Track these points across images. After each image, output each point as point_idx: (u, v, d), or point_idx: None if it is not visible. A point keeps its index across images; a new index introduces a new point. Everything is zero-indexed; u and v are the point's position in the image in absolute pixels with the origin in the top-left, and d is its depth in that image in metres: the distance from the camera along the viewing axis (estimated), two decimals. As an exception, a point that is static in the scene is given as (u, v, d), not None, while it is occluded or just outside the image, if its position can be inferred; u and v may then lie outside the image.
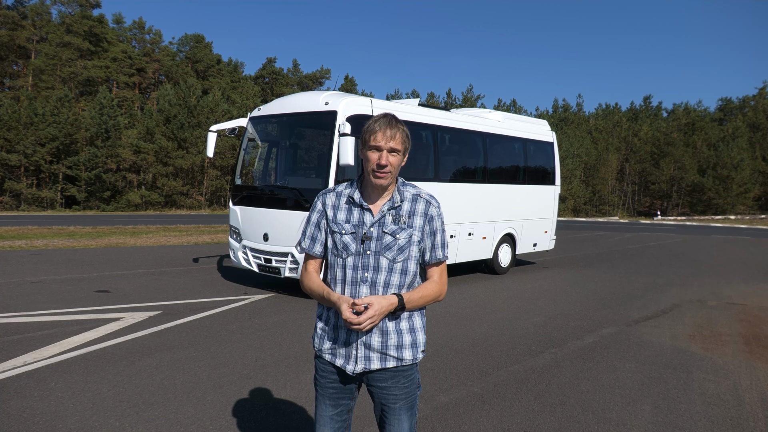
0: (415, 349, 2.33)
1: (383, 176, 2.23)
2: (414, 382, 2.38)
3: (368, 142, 2.24)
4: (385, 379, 2.32)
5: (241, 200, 9.65)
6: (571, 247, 20.10)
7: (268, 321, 7.27)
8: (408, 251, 2.29)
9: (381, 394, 2.34)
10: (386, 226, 2.28)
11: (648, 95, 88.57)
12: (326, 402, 2.38)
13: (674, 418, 4.41)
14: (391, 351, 2.28)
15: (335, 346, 2.33)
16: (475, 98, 69.19)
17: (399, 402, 2.33)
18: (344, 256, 2.29)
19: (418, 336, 2.35)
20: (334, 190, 2.39)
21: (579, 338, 6.86)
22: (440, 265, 2.38)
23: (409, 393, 2.35)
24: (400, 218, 2.30)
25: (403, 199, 2.33)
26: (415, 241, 2.30)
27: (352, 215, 2.31)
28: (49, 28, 51.30)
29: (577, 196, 61.24)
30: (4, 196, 39.38)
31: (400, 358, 2.30)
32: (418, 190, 2.38)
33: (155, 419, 4.08)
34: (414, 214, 2.31)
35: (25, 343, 5.85)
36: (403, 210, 2.31)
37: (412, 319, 2.34)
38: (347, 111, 8.55)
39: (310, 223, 2.42)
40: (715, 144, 66.75)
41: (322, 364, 2.39)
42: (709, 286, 11.50)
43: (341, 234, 2.30)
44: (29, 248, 14.13)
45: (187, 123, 45.50)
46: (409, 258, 2.30)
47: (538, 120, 13.91)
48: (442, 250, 2.36)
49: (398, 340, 2.29)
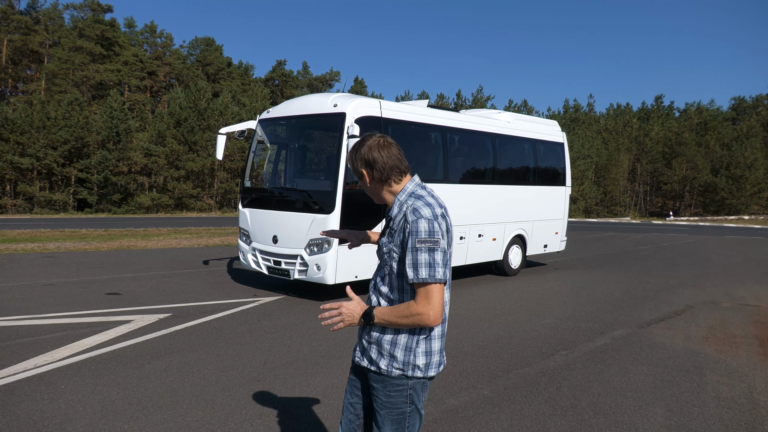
0: (391, 361, 2.24)
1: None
2: (403, 396, 2.27)
3: None
4: (376, 381, 2.33)
5: (251, 202, 9.66)
6: (582, 248, 19.96)
7: (277, 323, 7.27)
8: (389, 266, 2.25)
9: (372, 393, 2.38)
10: (383, 238, 2.34)
11: (659, 95, 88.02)
12: (348, 389, 2.51)
13: (687, 422, 4.35)
14: (372, 353, 2.31)
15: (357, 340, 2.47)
16: (485, 99, 68.90)
17: (383, 410, 2.30)
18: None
19: (398, 352, 2.23)
20: None
21: (590, 340, 6.80)
22: (422, 287, 2.12)
23: (394, 405, 2.27)
24: (393, 231, 2.26)
25: (399, 210, 2.26)
26: (394, 257, 2.22)
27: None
28: (62, 33, 51.74)
29: (588, 197, 60.86)
30: (18, 199, 39.74)
31: (375, 362, 2.29)
32: (409, 199, 2.25)
33: (164, 422, 4.08)
34: (397, 228, 2.23)
35: (35, 346, 5.89)
36: (394, 223, 2.27)
37: (398, 336, 2.24)
38: (356, 113, 8.54)
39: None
40: (728, 143, 66.10)
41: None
42: (723, 287, 11.37)
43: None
44: (41, 251, 14.25)
45: (198, 126, 45.69)
46: (391, 273, 2.26)
47: (548, 120, 13.84)
48: (413, 271, 2.11)
49: (379, 347, 2.29)
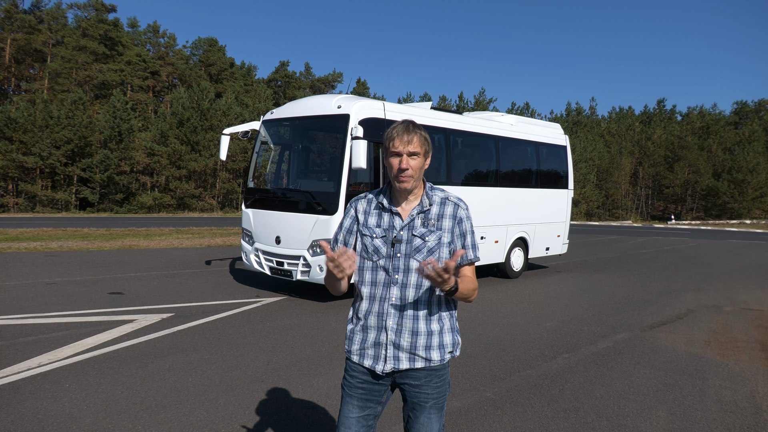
0: (443, 350, 2.36)
1: (406, 180, 2.29)
2: (446, 381, 2.41)
3: (389, 149, 2.32)
4: (418, 378, 2.35)
5: (254, 203, 9.68)
6: (584, 251, 19.96)
7: (280, 324, 7.28)
8: (438, 253, 2.33)
9: (413, 393, 2.37)
10: (415, 229, 2.34)
11: (662, 98, 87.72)
12: (353, 403, 2.39)
13: (690, 425, 4.35)
14: (419, 351, 2.32)
15: (364, 348, 2.37)
16: (488, 101, 68.94)
17: (430, 401, 2.37)
18: (375, 259, 2.36)
19: (446, 337, 2.37)
20: (365, 197, 2.47)
21: (593, 343, 6.80)
22: (472, 266, 2.40)
23: (440, 393, 2.39)
24: (429, 221, 2.35)
25: (432, 203, 2.38)
26: (444, 242, 2.35)
27: (382, 220, 2.38)
28: (65, 32, 51.89)
29: (590, 200, 60.84)
30: (20, 198, 39.83)
31: (428, 358, 2.33)
32: (446, 193, 2.43)
33: (167, 422, 4.10)
34: (443, 216, 2.36)
35: (39, 345, 5.90)
36: (432, 213, 2.36)
37: (442, 320, 2.37)
38: (360, 114, 8.56)
39: (342, 228, 2.48)
40: (730, 148, 66.09)
41: (351, 365, 2.43)
42: (725, 291, 11.36)
43: (372, 237, 2.37)
44: (44, 250, 14.28)
45: (200, 126, 45.79)
46: (439, 260, 2.32)
47: (551, 123, 13.85)
48: (473, 251, 2.39)
49: (427, 341, 2.32)
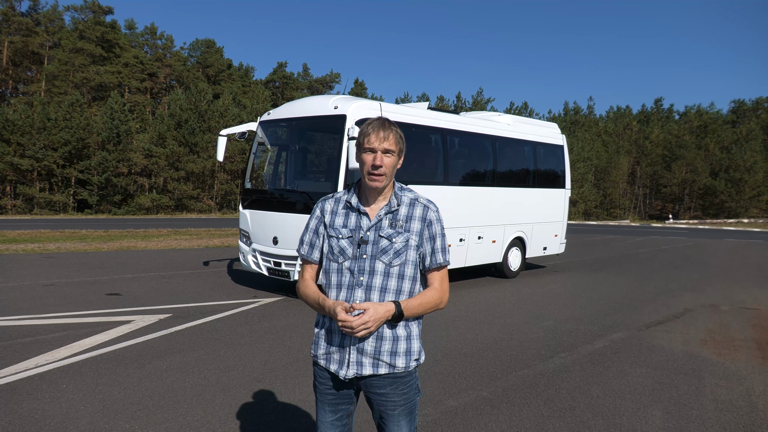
0: (409, 357, 2.28)
1: (378, 178, 2.23)
2: (413, 387, 2.34)
3: (363, 145, 2.25)
4: (383, 386, 2.28)
5: (251, 204, 9.69)
6: (581, 250, 19.99)
7: (277, 324, 7.28)
8: (405, 255, 2.27)
9: (379, 401, 2.31)
10: (383, 230, 2.27)
11: (659, 98, 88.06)
12: (325, 408, 2.38)
13: (685, 424, 4.36)
14: (384, 357, 2.24)
15: (330, 352, 2.32)
16: (486, 101, 68.90)
17: (398, 408, 2.30)
18: (340, 261, 2.29)
19: (413, 344, 2.30)
20: (333, 196, 2.40)
21: (589, 343, 6.82)
22: (441, 271, 2.34)
23: (407, 399, 2.32)
24: (397, 222, 2.29)
25: (400, 203, 2.32)
26: (412, 245, 2.28)
27: (349, 220, 2.32)
28: (62, 35, 51.83)
29: (588, 200, 60.90)
30: (18, 200, 39.78)
31: (392, 364, 2.25)
32: (415, 194, 2.37)
33: (164, 422, 4.10)
34: (411, 218, 2.30)
35: (36, 346, 5.90)
36: (400, 214, 2.30)
37: (409, 327, 2.30)
38: (356, 115, 8.57)
39: (308, 229, 2.42)
40: (727, 147, 66.17)
41: (319, 370, 2.40)
42: (722, 290, 11.39)
43: (338, 238, 2.30)
44: (42, 251, 14.26)
45: (198, 127, 45.77)
46: (405, 262, 2.27)
47: (548, 123, 13.88)
48: (442, 255, 2.32)
49: (392, 347, 2.25)
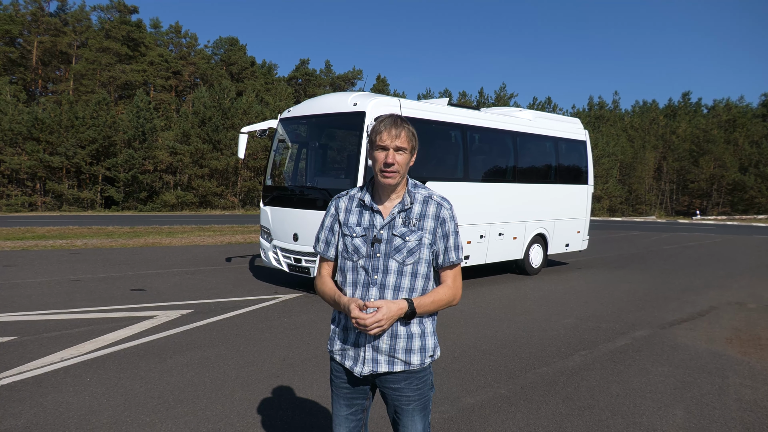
0: (423, 354, 2.31)
1: (390, 175, 2.23)
2: (427, 383, 2.37)
3: (375, 143, 2.25)
4: (397, 381, 2.31)
5: (272, 201, 9.77)
6: (605, 247, 19.73)
7: (296, 320, 7.34)
8: (418, 254, 2.27)
9: (394, 396, 2.34)
10: (396, 229, 2.28)
11: (687, 91, 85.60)
12: (341, 402, 2.42)
13: (707, 424, 4.29)
14: (399, 354, 2.27)
15: (345, 348, 2.35)
16: (509, 97, 68.27)
17: (412, 403, 2.33)
18: (355, 259, 2.30)
19: (428, 341, 2.32)
20: (347, 194, 2.41)
21: (610, 340, 6.74)
22: (454, 269, 2.35)
23: (422, 394, 2.35)
24: (411, 220, 2.28)
25: (414, 201, 2.32)
26: (425, 243, 2.28)
27: (363, 218, 2.33)
28: (89, 34, 52.81)
29: (612, 196, 60.00)
30: (47, 197, 40.71)
31: (407, 362, 2.28)
32: (429, 191, 2.36)
33: (184, 416, 4.17)
34: (425, 216, 2.30)
35: (62, 340, 6.05)
36: (413, 212, 2.30)
37: (423, 323, 2.32)
38: (376, 111, 8.57)
39: (324, 227, 2.44)
40: (757, 141, 64.60)
41: (335, 365, 2.43)
42: (749, 287, 11.14)
43: (352, 237, 2.32)
44: (69, 248, 14.59)
45: (222, 125, 46.23)
46: (419, 261, 2.27)
47: (570, 118, 13.71)
48: (455, 253, 2.33)
49: (407, 344, 2.27)
